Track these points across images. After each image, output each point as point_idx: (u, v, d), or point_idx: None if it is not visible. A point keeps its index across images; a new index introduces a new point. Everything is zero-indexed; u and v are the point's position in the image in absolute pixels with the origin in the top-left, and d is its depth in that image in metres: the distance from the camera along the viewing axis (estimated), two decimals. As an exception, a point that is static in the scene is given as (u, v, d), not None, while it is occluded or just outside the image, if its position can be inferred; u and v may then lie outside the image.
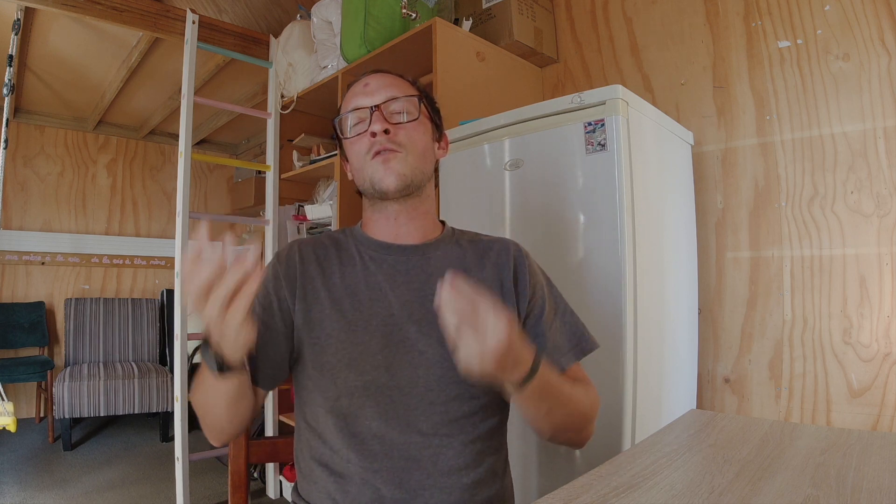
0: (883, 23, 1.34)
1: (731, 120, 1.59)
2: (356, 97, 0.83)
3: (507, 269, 0.82)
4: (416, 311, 0.77)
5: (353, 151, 0.83)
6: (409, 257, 0.82)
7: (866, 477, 0.61)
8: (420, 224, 0.84)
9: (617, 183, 1.16)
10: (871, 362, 1.32)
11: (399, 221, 0.83)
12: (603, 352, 1.19)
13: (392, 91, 0.82)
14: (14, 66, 2.51)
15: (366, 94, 0.82)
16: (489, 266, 0.83)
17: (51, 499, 2.28)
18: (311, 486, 0.78)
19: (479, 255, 0.84)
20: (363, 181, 0.82)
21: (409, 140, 0.81)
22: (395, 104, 0.82)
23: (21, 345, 3.34)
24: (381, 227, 0.84)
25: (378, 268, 0.81)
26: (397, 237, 0.83)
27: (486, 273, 0.82)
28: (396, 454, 0.73)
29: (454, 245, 0.85)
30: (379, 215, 0.84)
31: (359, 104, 0.82)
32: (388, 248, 0.83)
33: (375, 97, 0.81)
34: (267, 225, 2.49)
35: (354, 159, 0.82)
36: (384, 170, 0.78)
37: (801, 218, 1.45)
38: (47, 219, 3.67)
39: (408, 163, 0.79)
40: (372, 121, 0.80)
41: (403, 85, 0.84)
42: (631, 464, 0.69)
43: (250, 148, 4.34)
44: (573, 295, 1.26)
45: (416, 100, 0.83)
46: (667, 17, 1.75)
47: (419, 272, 0.81)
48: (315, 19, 2.20)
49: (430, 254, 0.83)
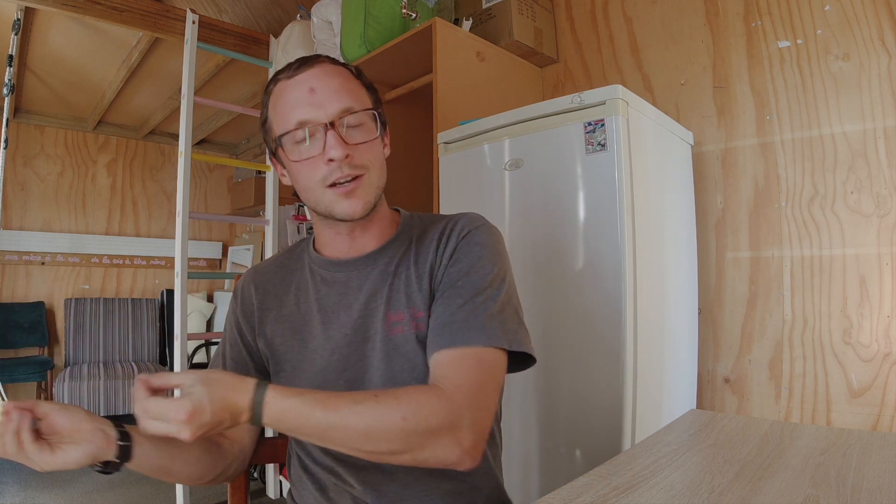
0: (883, 23, 1.34)
1: (731, 120, 1.59)
2: (300, 107, 0.69)
3: (440, 251, 0.74)
4: (369, 327, 0.73)
5: (300, 174, 0.71)
6: (360, 271, 0.76)
7: (866, 477, 0.61)
8: (376, 231, 0.77)
9: (617, 183, 1.16)
10: (871, 362, 1.32)
11: (353, 235, 0.76)
12: (603, 352, 1.19)
13: (345, 100, 0.69)
14: (14, 66, 2.51)
15: (314, 105, 0.68)
16: (424, 256, 0.75)
17: (51, 499, 2.28)
18: (300, 492, 0.80)
19: (420, 247, 0.76)
20: (315, 204, 0.72)
21: (370, 159, 0.71)
22: (352, 118, 0.70)
23: (21, 345, 3.34)
24: (332, 244, 0.78)
25: (330, 289, 0.77)
26: (350, 251, 0.77)
27: (422, 266, 0.74)
28: (372, 467, 0.72)
29: (404, 244, 0.77)
30: (330, 231, 0.77)
31: (307, 119, 0.68)
32: (338, 265, 0.77)
33: (328, 108, 0.68)
34: (267, 225, 2.49)
35: (303, 181, 0.71)
36: (347, 202, 0.69)
37: (801, 218, 1.45)
38: (47, 219, 3.67)
39: (371, 185, 0.71)
40: (328, 144, 0.67)
41: (354, 88, 0.72)
42: (631, 464, 0.69)
43: (250, 148, 4.34)
44: (573, 295, 1.27)
45: (373, 114, 0.73)
46: (667, 17, 1.75)
47: (369, 285, 0.75)
48: (315, 19, 2.20)
49: (382, 260, 0.76)
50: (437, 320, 0.68)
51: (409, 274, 0.75)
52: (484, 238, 0.74)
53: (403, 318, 0.72)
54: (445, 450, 0.59)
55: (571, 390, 1.21)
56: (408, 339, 0.71)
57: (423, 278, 0.74)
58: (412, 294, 0.73)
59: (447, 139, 1.54)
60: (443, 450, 0.59)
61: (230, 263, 4.19)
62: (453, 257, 0.72)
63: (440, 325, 0.67)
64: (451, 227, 0.76)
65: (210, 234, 4.37)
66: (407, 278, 0.74)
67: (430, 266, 0.74)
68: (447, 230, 0.76)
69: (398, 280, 0.75)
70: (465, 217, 0.77)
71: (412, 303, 0.73)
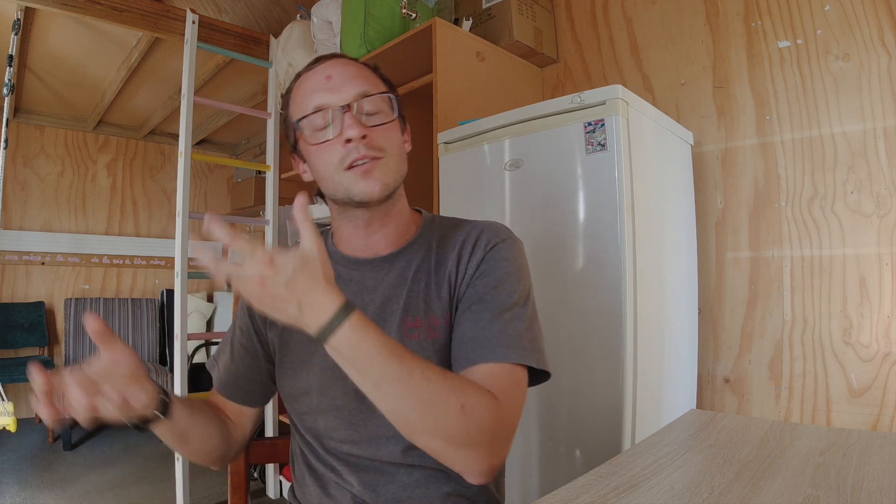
0: (883, 23, 1.34)
1: (731, 120, 1.59)
2: (316, 93, 0.70)
3: (462, 262, 0.73)
4: (385, 331, 0.72)
5: (319, 159, 0.71)
6: (377, 272, 0.76)
7: (866, 477, 0.61)
8: (393, 228, 0.77)
9: (617, 183, 1.16)
10: (871, 362, 1.32)
11: (371, 230, 0.75)
12: (603, 352, 1.19)
13: (361, 85, 0.71)
14: (14, 66, 2.51)
15: (330, 90, 0.70)
16: (446, 265, 0.74)
17: (51, 499, 2.28)
18: (302, 489, 0.80)
19: (441, 254, 0.76)
20: (334, 190, 0.71)
21: (388, 142, 0.71)
22: (368, 103, 0.71)
23: (21, 345, 3.34)
24: (350, 239, 0.77)
25: (346, 287, 0.76)
26: (367, 248, 0.76)
27: (443, 274, 0.74)
28: (372, 469, 0.73)
29: (423, 248, 0.77)
30: (348, 224, 0.76)
31: (323, 102, 0.70)
32: (356, 264, 0.77)
33: (343, 93, 0.69)
34: (267, 225, 2.49)
35: (321, 167, 0.71)
36: (365, 182, 0.69)
37: (801, 218, 1.45)
38: (47, 219, 3.67)
39: (390, 168, 0.71)
40: (345, 124, 0.68)
41: (370, 76, 0.74)
42: (631, 464, 0.69)
43: (250, 148, 4.34)
44: (573, 295, 1.27)
45: (388, 98, 0.73)
46: (667, 17, 1.75)
47: (384, 288, 0.75)
48: (315, 19, 2.20)
49: (399, 263, 0.76)
50: (467, 334, 0.68)
51: (428, 281, 0.74)
52: (510, 252, 0.74)
53: (420, 325, 0.72)
54: (477, 459, 0.59)
55: (571, 390, 1.21)
56: (423, 347, 0.71)
57: (441, 285, 0.73)
58: (431, 301, 0.73)
59: (447, 139, 1.54)
60: (475, 458, 0.59)
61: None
62: (479, 269, 0.72)
63: (471, 339, 0.67)
64: (476, 237, 0.75)
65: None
66: (426, 285, 0.74)
67: (449, 273, 0.73)
68: (471, 239, 0.75)
69: (417, 286, 0.74)
70: (490, 228, 0.76)
71: (430, 310, 0.73)
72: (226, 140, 4.36)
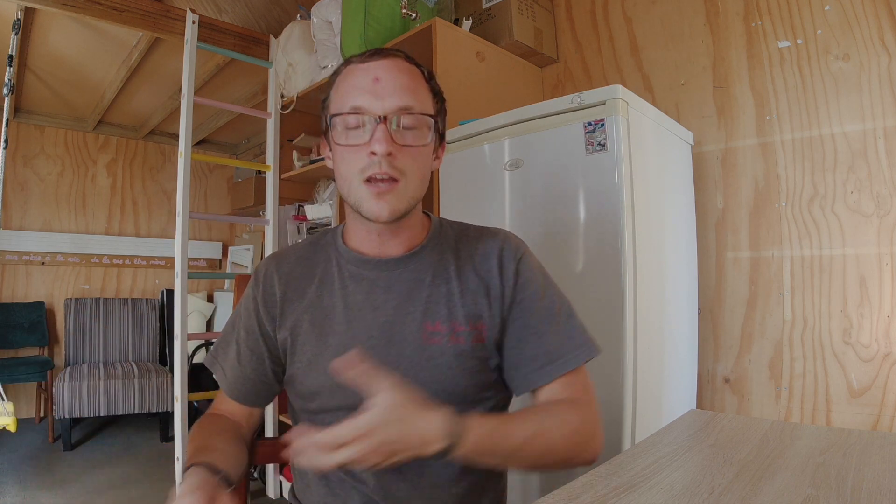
0: (883, 23, 1.34)
1: (731, 120, 1.59)
2: (360, 93, 0.68)
3: (494, 275, 0.75)
4: (397, 333, 0.73)
5: (342, 159, 0.70)
6: (391, 272, 0.75)
7: (866, 477, 0.61)
8: (406, 236, 0.76)
9: (617, 183, 1.16)
10: (871, 362, 1.32)
11: (382, 238, 0.75)
12: (603, 352, 1.19)
13: (406, 99, 0.68)
14: (14, 66, 2.51)
15: (374, 94, 0.67)
16: (471, 273, 0.75)
17: (51, 499, 2.28)
18: (305, 489, 0.80)
19: (462, 260, 0.77)
20: (348, 194, 0.71)
21: (412, 166, 0.69)
22: (407, 119, 0.68)
23: (21, 345, 3.34)
24: (362, 240, 0.77)
25: (357, 286, 0.75)
26: (380, 251, 0.76)
27: (468, 282, 0.75)
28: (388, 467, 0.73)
29: (437, 252, 0.77)
30: (361, 228, 0.76)
31: (363, 106, 0.67)
32: (368, 264, 0.76)
33: (385, 102, 0.67)
34: (267, 225, 2.49)
35: (342, 168, 0.70)
36: (376, 203, 0.67)
37: (801, 218, 1.45)
38: (47, 219, 3.67)
39: (405, 194, 0.69)
40: (375, 136, 0.66)
41: (419, 89, 0.71)
42: (631, 464, 0.69)
43: (250, 148, 4.34)
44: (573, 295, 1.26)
45: (430, 120, 0.71)
46: (667, 18, 1.75)
47: (399, 288, 0.75)
48: (315, 19, 2.20)
49: (412, 265, 0.76)
50: (540, 348, 0.72)
51: (450, 288, 0.74)
52: (534, 260, 0.79)
53: (442, 331, 0.72)
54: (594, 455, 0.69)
55: (571, 390, 1.20)
56: (444, 352, 0.71)
57: (466, 294, 0.74)
58: (454, 308, 0.73)
59: (447, 139, 1.53)
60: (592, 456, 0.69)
61: (230, 263, 4.19)
62: (519, 283, 0.75)
63: (544, 354, 0.72)
64: (502, 249, 0.77)
65: (210, 234, 4.37)
66: (448, 292, 0.74)
67: (487, 285, 0.75)
68: (496, 250, 0.77)
69: (437, 291, 0.74)
70: (507, 238, 0.79)
71: (454, 317, 0.73)
72: (226, 140, 4.36)
